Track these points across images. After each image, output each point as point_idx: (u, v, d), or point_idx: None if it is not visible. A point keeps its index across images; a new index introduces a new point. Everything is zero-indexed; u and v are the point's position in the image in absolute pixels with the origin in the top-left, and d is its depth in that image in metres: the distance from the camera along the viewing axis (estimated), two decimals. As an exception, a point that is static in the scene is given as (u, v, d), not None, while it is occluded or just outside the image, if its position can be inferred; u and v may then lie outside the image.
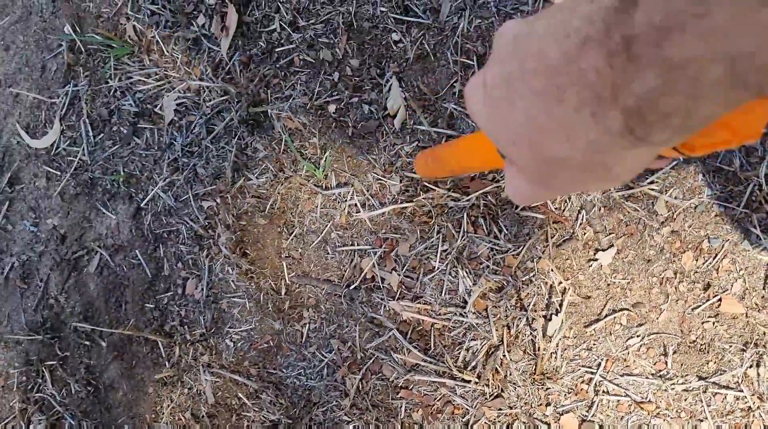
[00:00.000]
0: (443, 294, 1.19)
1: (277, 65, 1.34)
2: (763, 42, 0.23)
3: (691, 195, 1.05)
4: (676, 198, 1.05)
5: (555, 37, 0.32)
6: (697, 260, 1.05)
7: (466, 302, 1.16)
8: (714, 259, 1.04)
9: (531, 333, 1.13)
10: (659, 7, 0.26)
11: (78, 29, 1.56)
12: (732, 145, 0.33)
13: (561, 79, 0.32)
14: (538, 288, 1.14)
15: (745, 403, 1.02)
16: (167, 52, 1.44)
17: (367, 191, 1.24)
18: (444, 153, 0.76)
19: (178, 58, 1.43)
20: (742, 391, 1.02)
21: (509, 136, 0.37)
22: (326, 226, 1.28)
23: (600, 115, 0.30)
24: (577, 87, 0.31)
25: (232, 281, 1.36)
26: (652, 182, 1.07)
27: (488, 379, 1.14)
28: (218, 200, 1.36)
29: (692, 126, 0.29)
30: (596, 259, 1.10)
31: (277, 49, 1.34)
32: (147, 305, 1.44)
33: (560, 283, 1.12)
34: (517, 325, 1.14)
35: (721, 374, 1.03)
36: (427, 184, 1.19)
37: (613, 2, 0.29)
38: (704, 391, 1.04)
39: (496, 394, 1.14)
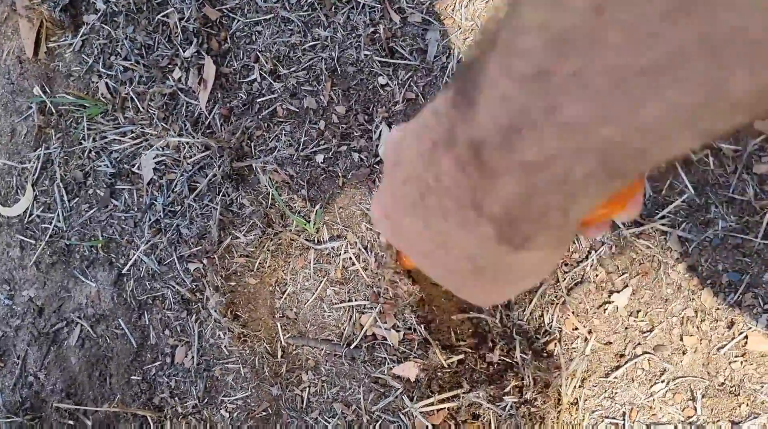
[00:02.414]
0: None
1: (260, 116, 1.28)
2: (628, 129, 0.19)
3: (705, 228, 1.00)
4: (689, 232, 1.00)
5: (413, 142, 0.30)
6: (717, 296, 1.00)
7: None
8: (735, 294, 0.98)
9: (548, 385, 1.06)
10: (500, 105, 0.21)
11: (48, 90, 1.49)
12: (612, 216, 0.32)
13: (422, 186, 0.28)
14: (553, 336, 1.07)
15: (783, 446, 0.96)
16: (143, 108, 1.38)
17: (361, 243, 1.17)
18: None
19: (154, 114, 1.37)
20: (779, 434, 0.96)
21: (412, 251, 0.34)
22: (321, 282, 1.20)
23: (469, 226, 0.26)
24: (436, 195, 0.27)
25: (225, 346, 1.27)
26: (663, 217, 1.02)
27: (507, 438, 1.07)
28: (205, 261, 1.28)
29: (575, 219, 0.25)
30: (611, 302, 1.04)
31: (259, 100, 1.29)
32: (133, 377, 1.34)
33: (575, 329, 1.06)
34: (534, 377, 1.06)
35: (755, 417, 0.97)
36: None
37: (450, 101, 0.25)
38: (738, 437, 0.98)
39: (516, 454, 1.06)
